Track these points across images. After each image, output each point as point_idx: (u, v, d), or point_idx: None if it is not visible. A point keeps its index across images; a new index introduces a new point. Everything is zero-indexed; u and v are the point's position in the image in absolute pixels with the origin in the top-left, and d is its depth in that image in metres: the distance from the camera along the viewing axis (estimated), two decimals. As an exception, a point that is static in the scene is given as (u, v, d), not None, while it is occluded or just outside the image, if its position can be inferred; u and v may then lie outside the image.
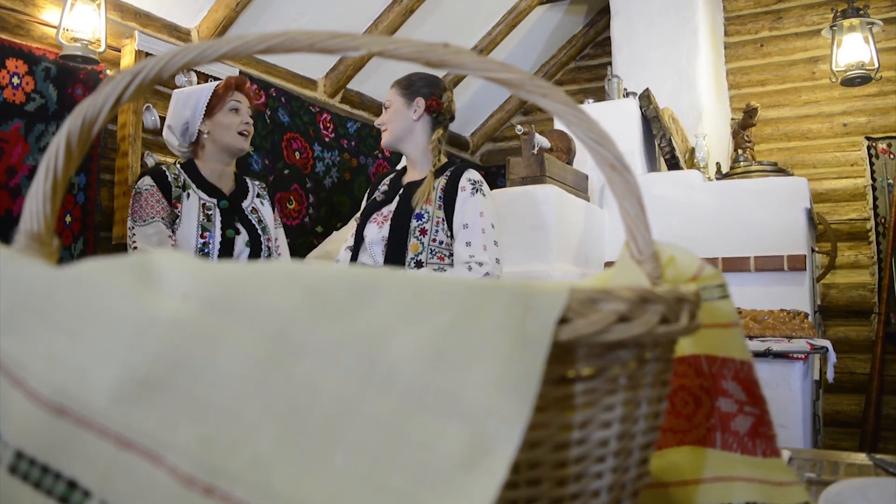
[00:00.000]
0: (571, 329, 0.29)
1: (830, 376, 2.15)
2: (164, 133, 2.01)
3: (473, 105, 4.68)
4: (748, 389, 0.44)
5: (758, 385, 0.44)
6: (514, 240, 2.46)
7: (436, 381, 0.26)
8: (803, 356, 2.13)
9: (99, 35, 2.36)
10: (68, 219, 2.41)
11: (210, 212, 1.93)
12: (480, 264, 1.75)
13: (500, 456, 0.25)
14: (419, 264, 1.80)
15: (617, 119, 3.04)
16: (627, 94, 3.19)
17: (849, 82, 3.54)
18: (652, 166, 3.30)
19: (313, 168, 3.43)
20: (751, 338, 2.16)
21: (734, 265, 2.72)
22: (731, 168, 3.17)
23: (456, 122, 1.83)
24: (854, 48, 3.49)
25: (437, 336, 0.26)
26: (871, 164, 3.84)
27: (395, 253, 1.81)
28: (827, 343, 2.10)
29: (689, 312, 0.34)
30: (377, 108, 3.94)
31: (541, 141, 2.59)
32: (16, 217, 2.19)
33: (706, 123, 3.49)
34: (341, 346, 0.26)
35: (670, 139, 3.03)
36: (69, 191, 2.41)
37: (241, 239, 1.95)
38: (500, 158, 4.87)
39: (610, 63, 3.80)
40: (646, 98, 3.06)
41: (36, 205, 0.34)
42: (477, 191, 1.83)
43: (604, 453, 0.33)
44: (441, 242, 1.81)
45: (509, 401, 0.26)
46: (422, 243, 1.80)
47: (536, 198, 2.48)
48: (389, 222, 1.84)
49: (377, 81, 3.83)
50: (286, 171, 3.26)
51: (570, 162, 2.90)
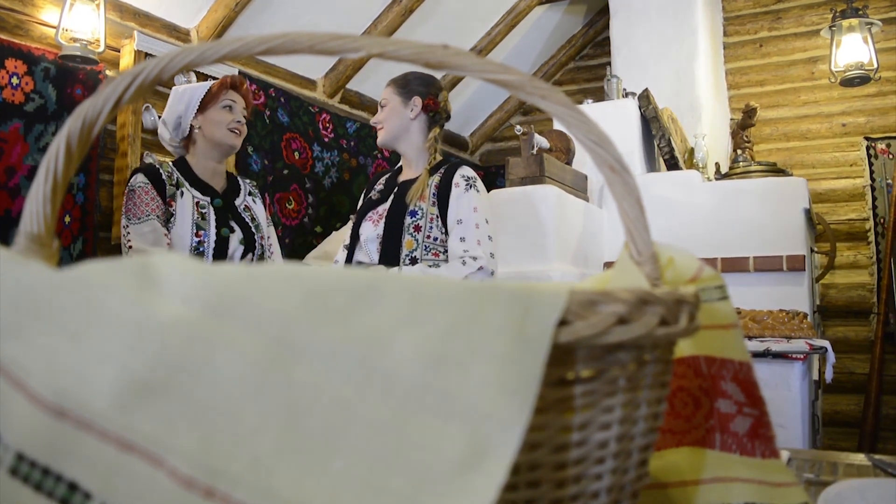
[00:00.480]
0: (571, 331, 0.29)
1: (829, 376, 2.15)
2: (159, 128, 2.03)
3: (473, 105, 4.67)
4: (747, 390, 0.44)
5: (757, 386, 0.44)
6: (513, 240, 2.46)
7: (435, 384, 0.26)
8: (802, 356, 2.13)
9: (98, 35, 2.36)
10: (67, 219, 2.40)
11: (204, 210, 1.92)
12: (475, 258, 1.75)
13: (500, 458, 0.25)
14: (414, 261, 1.80)
15: (616, 119, 3.04)
16: (626, 95, 3.19)
17: (848, 82, 3.54)
18: (651, 166, 3.30)
19: (312, 168, 3.43)
20: (750, 338, 2.16)
21: (733, 265, 2.73)
22: (731, 168, 3.18)
23: (455, 123, 1.82)
24: (853, 48, 3.49)
25: (437, 338, 0.26)
26: (870, 165, 3.84)
27: (390, 250, 1.81)
28: (826, 343, 2.10)
29: (689, 314, 0.34)
30: (376, 109, 3.93)
31: (540, 141, 2.59)
32: (15, 217, 2.18)
33: (705, 124, 3.49)
34: (341, 349, 0.26)
35: (669, 139, 3.03)
36: (68, 191, 2.41)
37: (236, 237, 1.94)
38: (500, 158, 4.87)
39: (609, 63, 3.80)
40: (645, 98, 3.06)
41: (36, 206, 0.34)
42: (471, 187, 1.83)
43: (603, 455, 0.33)
44: (436, 239, 1.81)
45: (509, 403, 0.26)
46: (416, 240, 1.80)
47: (536, 198, 2.48)
48: (384, 220, 1.85)
49: (376, 82, 3.83)
50: (285, 172, 3.26)
51: (570, 162, 2.91)
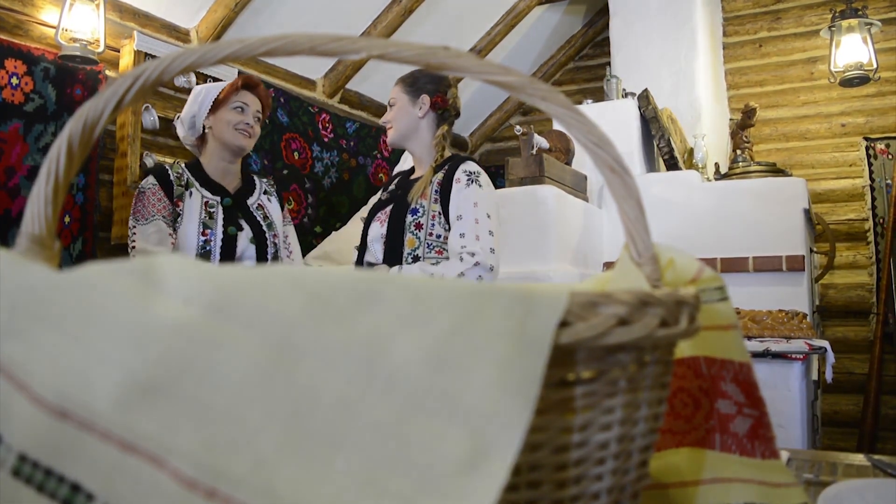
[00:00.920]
0: (572, 332, 0.29)
1: (829, 376, 2.15)
2: (177, 126, 2.09)
3: (472, 105, 4.68)
4: (747, 391, 0.44)
5: (756, 387, 0.44)
6: (513, 240, 2.46)
7: (437, 385, 0.26)
8: (802, 356, 2.13)
9: (98, 35, 2.36)
10: (67, 219, 2.40)
11: (212, 209, 1.93)
12: (472, 254, 1.70)
13: (501, 459, 0.25)
14: (416, 259, 1.77)
15: (615, 119, 3.04)
16: (626, 95, 3.20)
17: (847, 83, 3.54)
18: (651, 167, 3.30)
19: (312, 168, 3.43)
20: (749, 338, 2.16)
21: (733, 265, 2.73)
22: (730, 168, 3.18)
23: (455, 123, 1.81)
24: (852, 49, 3.49)
25: (438, 340, 0.26)
26: (870, 165, 3.84)
27: (393, 249, 1.80)
28: (825, 343, 2.10)
29: (689, 315, 0.34)
30: (376, 109, 3.94)
31: (540, 141, 2.59)
32: (14, 217, 2.18)
33: (705, 124, 3.50)
34: (343, 350, 0.26)
35: (669, 139, 3.03)
36: (68, 191, 2.40)
37: (245, 236, 1.94)
38: (499, 159, 4.86)
39: (608, 63, 3.80)
40: (644, 98, 3.06)
41: (37, 207, 0.34)
42: (472, 181, 1.78)
43: (604, 455, 0.33)
44: (438, 236, 1.78)
45: (510, 404, 0.26)
46: (418, 238, 1.78)
47: (535, 198, 2.48)
48: (388, 219, 1.84)
49: (376, 82, 3.83)
50: (285, 172, 3.26)
51: (569, 162, 2.91)
